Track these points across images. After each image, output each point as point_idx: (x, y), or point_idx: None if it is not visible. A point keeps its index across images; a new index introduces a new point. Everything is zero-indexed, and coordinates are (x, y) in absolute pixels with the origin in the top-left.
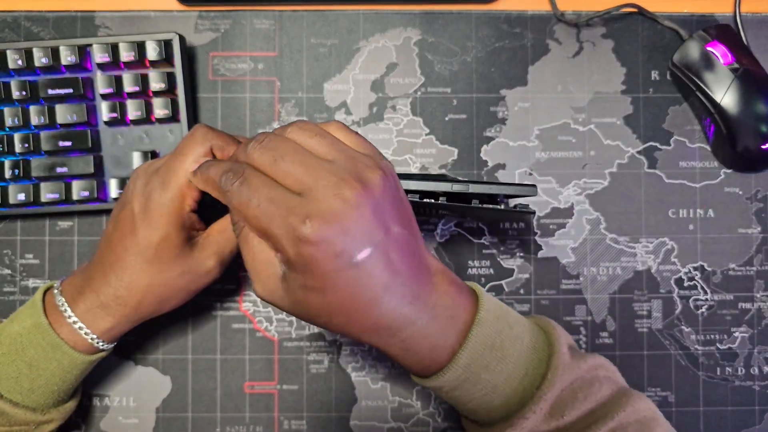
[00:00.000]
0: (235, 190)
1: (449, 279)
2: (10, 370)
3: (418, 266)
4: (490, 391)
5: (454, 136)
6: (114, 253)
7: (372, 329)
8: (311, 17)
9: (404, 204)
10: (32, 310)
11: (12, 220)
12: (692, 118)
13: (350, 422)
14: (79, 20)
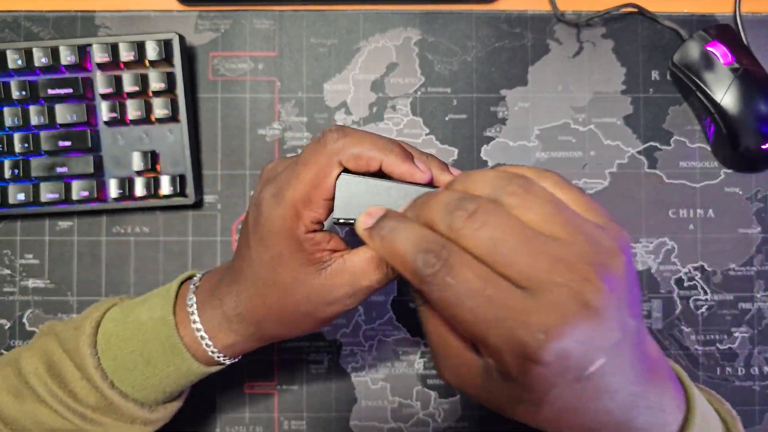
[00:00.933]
0: (439, 283)
1: (666, 371)
2: (127, 360)
3: (643, 360)
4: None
5: (454, 136)
6: (237, 264)
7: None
8: (311, 17)
9: (638, 287)
10: (165, 301)
11: (12, 220)
12: (692, 118)
13: (350, 422)
14: (79, 20)
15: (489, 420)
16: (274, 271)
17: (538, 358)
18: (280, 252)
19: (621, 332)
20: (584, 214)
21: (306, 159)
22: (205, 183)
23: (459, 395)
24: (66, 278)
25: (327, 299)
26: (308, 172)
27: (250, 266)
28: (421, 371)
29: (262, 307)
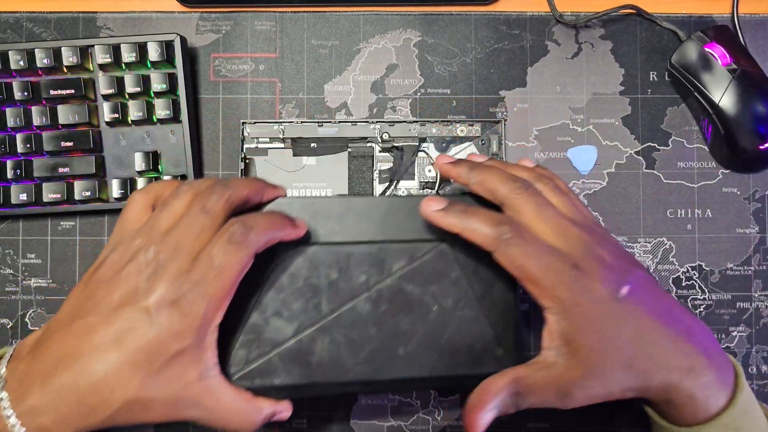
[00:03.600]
0: (512, 247)
1: (710, 350)
2: None
3: (667, 308)
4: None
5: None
6: (93, 358)
7: (628, 366)
8: (312, 19)
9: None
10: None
11: (14, 220)
12: (690, 118)
13: (350, 421)
14: (80, 21)
15: None
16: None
17: (584, 278)
18: (186, 346)
19: (630, 270)
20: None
21: (221, 266)
22: None
23: (459, 394)
24: (68, 278)
25: (187, 405)
26: (228, 273)
27: (118, 370)
28: None
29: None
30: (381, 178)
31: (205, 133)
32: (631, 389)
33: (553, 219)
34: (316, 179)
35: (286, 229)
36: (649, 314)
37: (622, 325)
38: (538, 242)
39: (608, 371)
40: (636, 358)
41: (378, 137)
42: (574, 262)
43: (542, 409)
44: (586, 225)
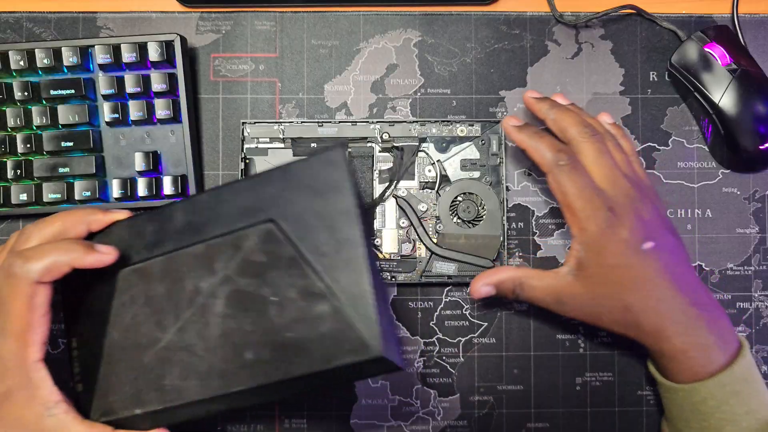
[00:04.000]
0: (563, 173)
1: (717, 319)
2: None
3: (687, 279)
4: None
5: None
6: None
7: (654, 311)
8: (312, 19)
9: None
10: None
11: (14, 220)
12: (690, 118)
13: (350, 421)
14: (80, 21)
15: (488, 419)
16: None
17: (615, 222)
18: (9, 387)
19: (662, 233)
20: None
21: (4, 299)
22: (207, 183)
23: (458, 394)
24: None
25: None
26: (16, 307)
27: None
28: (421, 370)
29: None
30: (381, 178)
31: (205, 133)
32: (621, 324)
33: (607, 166)
34: None
35: (73, 254)
36: (663, 273)
37: (633, 272)
38: (586, 177)
39: (605, 303)
40: (635, 303)
41: (378, 137)
42: (612, 206)
43: (542, 409)
44: (636, 182)
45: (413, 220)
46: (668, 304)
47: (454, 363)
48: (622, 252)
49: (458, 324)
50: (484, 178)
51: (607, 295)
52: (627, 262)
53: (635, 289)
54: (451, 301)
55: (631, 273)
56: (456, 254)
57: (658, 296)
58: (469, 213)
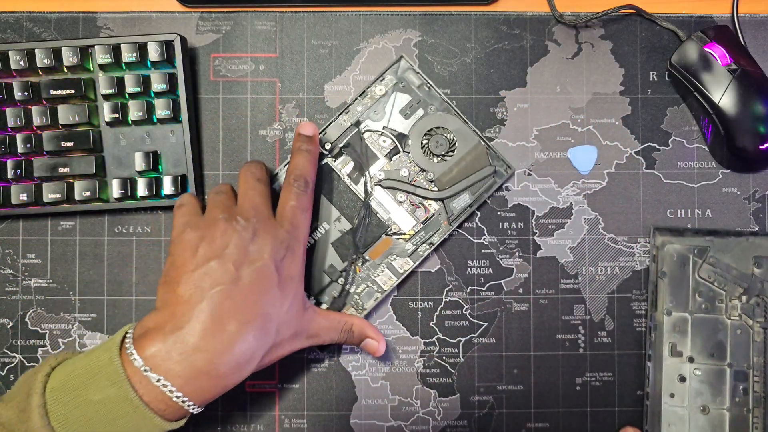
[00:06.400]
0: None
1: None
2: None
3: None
4: None
5: None
6: (243, 317)
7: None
8: (312, 19)
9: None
10: (113, 377)
11: (14, 220)
12: (690, 118)
13: (350, 421)
14: (80, 21)
15: (488, 419)
16: (285, 310)
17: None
18: (296, 292)
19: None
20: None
21: (302, 214)
22: (207, 183)
23: (458, 394)
24: (68, 278)
25: (295, 339)
26: (306, 224)
27: (265, 315)
28: (421, 370)
29: (256, 359)
30: (354, 180)
31: (205, 133)
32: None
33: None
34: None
35: (316, 154)
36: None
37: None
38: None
39: None
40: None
41: (323, 150)
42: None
43: (542, 409)
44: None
45: (406, 188)
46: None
47: (454, 363)
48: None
49: (458, 324)
50: (429, 108)
51: None
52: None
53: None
54: (452, 301)
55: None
56: (460, 184)
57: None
58: (442, 146)
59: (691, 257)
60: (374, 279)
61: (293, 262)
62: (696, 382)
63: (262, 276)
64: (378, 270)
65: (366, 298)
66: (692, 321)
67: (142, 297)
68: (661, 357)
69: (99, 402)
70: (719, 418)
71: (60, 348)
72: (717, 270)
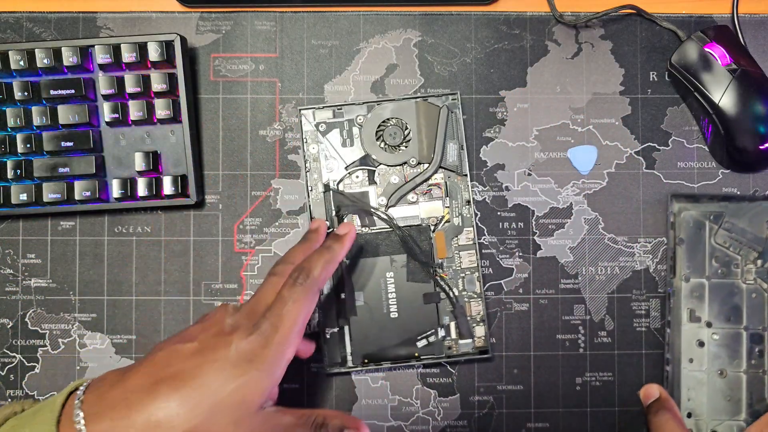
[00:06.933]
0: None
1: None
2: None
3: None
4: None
5: None
6: (179, 375)
7: None
8: (312, 19)
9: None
10: (49, 414)
11: (14, 220)
12: (690, 118)
13: None
14: (80, 21)
15: (488, 419)
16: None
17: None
18: (250, 380)
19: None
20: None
21: (291, 308)
22: (207, 183)
23: (459, 394)
24: (68, 278)
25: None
26: (295, 312)
27: (203, 384)
28: (421, 370)
29: (194, 422)
30: (371, 223)
31: (205, 133)
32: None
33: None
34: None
35: (339, 256)
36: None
37: None
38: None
39: None
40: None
41: (333, 212)
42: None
43: (542, 409)
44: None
45: (407, 189)
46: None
47: (454, 363)
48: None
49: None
50: (358, 119)
51: None
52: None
53: None
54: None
55: None
56: (437, 144)
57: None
58: (396, 134)
59: (707, 223)
60: (461, 267)
61: (261, 347)
62: (714, 346)
63: (216, 349)
64: (456, 260)
65: (471, 286)
66: (709, 286)
67: (142, 297)
68: (679, 323)
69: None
70: (736, 381)
71: (59, 348)
72: (732, 235)
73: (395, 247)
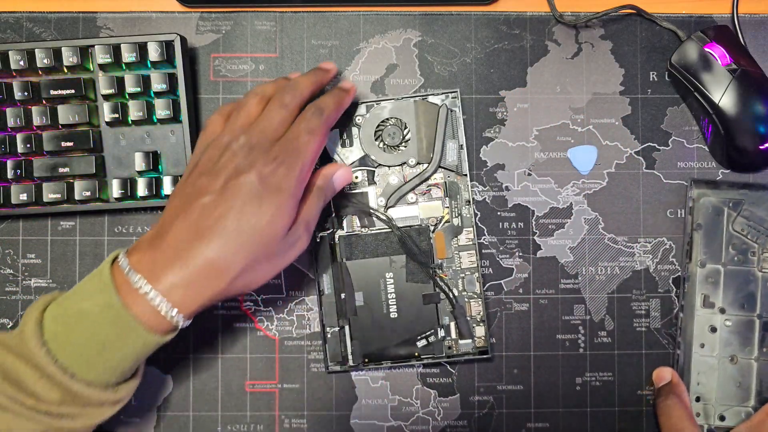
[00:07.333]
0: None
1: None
2: (82, 350)
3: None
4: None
5: None
6: (219, 223)
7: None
8: (312, 19)
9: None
10: (101, 285)
11: (14, 220)
12: (690, 118)
13: (350, 421)
14: (80, 21)
15: (488, 419)
16: (280, 226)
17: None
18: (293, 210)
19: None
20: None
21: (307, 140)
22: None
23: (459, 394)
24: (68, 278)
25: (293, 241)
26: (311, 151)
27: (250, 225)
28: (421, 370)
29: (247, 260)
30: (370, 224)
31: None
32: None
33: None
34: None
35: (345, 103)
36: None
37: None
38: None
39: None
40: None
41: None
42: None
43: (542, 409)
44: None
45: (406, 189)
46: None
47: (454, 363)
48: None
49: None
50: (357, 119)
51: None
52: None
53: None
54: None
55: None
56: (437, 143)
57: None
58: (395, 134)
59: (725, 210)
60: (461, 268)
61: (285, 175)
62: (726, 332)
63: (241, 187)
64: (456, 260)
65: (470, 286)
66: (725, 273)
67: None
68: (693, 308)
69: (86, 311)
70: (747, 368)
71: None
72: (750, 223)
73: (394, 247)
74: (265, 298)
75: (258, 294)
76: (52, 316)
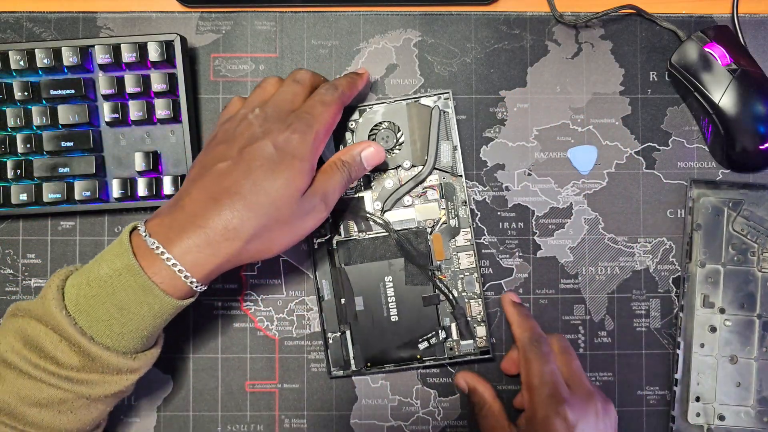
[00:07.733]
0: (537, 354)
1: None
2: (100, 313)
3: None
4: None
5: None
6: (234, 186)
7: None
8: (312, 19)
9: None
10: (120, 251)
11: (14, 220)
12: (690, 118)
13: (350, 421)
14: (80, 21)
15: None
16: (293, 192)
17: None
18: (308, 177)
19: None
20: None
21: (321, 111)
22: None
23: (458, 394)
24: None
25: (308, 209)
26: (325, 121)
27: (262, 189)
28: (421, 370)
29: (260, 223)
30: (367, 229)
31: (205, 133)
32: None
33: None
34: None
35: (359, 84)
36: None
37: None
38: (553, 365)
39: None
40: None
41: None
42: (567, 399)
43: None
44: (583, 385)
45: (402, 192)
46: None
47: (455, 363)
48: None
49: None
50: (350, 125)
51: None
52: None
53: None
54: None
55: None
56: (431, 144)
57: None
58: (389, 137)
59: (725, 210)
60: (460, 268)
61: (300, 142)
62: (726, 332)
63: (256, 153)
64: (455, 261)
65: (470, 286)
66: (724, 273)
67: None
68: (693, 308)
69: (106, 276)
70: (747, 368)
71: None
72: (750, 223)
73: (392, 251)
74: (265, 298)
75: (258, 294)
76: (72, 284)
